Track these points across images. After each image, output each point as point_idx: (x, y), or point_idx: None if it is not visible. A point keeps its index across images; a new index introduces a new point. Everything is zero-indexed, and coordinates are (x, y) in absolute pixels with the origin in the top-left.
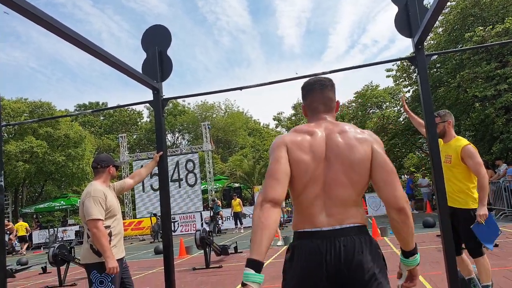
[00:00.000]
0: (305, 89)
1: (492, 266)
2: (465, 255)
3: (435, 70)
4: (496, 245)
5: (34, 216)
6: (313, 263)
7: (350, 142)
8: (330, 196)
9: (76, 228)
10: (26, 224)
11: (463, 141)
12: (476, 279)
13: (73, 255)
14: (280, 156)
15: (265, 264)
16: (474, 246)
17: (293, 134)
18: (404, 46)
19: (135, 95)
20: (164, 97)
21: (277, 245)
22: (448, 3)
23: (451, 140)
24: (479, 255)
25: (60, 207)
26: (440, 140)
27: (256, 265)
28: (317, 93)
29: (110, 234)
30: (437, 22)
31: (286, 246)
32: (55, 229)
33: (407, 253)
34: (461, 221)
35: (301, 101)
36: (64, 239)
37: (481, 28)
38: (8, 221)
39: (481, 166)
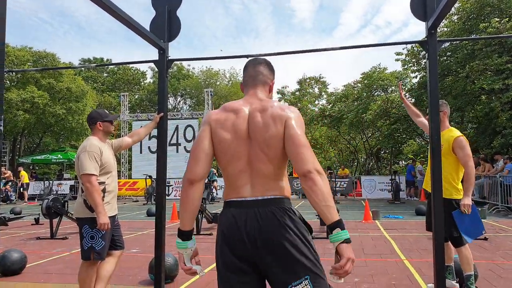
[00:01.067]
0: (244, 67)
1: (479, 258)
2: (450, 243)
3: (445, 58)
4: (485, 239)
5: (31, 167)
6: (232, 229)
7: (266, 121)
8: (253, 170)
9: (71, 182)
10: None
11: (456, 132)
12: (453, 268)
13: (66, 209)
14: (203, 137)
15: None
16: (456, 235)
17: (220, 112)
18: (417, 31)
19: (140, 55)
20: (169, 58)
21: None
22: None
23: (444, 130)
24: (460, 245)
25: (57, 160)
26: None
27: (182, 234)
28: (250, 68)
29: (104, 191)
30: (453, 9)
31: None
32: (50, 181)
33: (328, 227)
34: (444, 210)
35: (306, 76)
36: (58, 192)
37: (497, 19)
38: (6, 169)
39: (470, 158)
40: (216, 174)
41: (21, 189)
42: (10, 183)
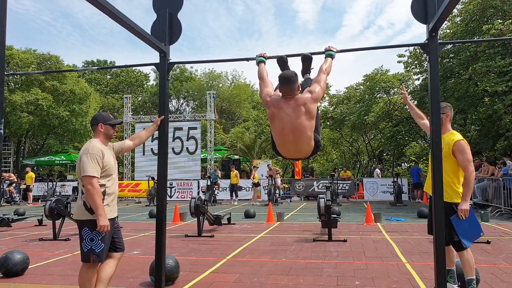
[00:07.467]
0: (280, 80)
1: (481, 262)
2: (452, 246)
3: (447, 60)
4: (488, 242)
5: (35, 168)
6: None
7: (297, 104)
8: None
9: (75, 184)
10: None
11: (457, 136)
12: (454, 272)
13: (69, 210)
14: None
15: (256, 238)
16: (456, 239)
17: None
18: (420, 32)
19: (144, 57)
20: (170, 60)
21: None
22: None
23: (446, 133)
24: (462, 248)
25: (60, 161)
26: None
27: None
28: (287, 85)
29: (104, 193)
30: (455, 11)
31: (277, 223)
32: (54, 183)
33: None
34: (444, 214)
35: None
36: (62, 193)
37: (500, 21)
38: (9, 171)
39: (469, 163)
40: (219, 176)
41: (26, 190)
42: (13, 185)
